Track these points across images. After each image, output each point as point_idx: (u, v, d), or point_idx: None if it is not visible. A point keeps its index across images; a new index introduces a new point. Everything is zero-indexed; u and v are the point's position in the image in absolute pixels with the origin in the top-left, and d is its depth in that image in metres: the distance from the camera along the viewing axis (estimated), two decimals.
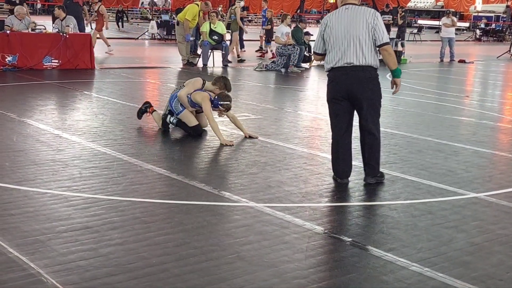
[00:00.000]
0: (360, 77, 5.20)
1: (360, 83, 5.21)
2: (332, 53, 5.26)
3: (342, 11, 5.27)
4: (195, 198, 4.95)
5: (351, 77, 5.20)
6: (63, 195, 4.86)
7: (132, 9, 44.44)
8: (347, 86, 5.22)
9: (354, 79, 5.20)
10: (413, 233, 4.39)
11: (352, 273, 3.67)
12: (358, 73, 5.19)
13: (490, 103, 11.52)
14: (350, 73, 5.19)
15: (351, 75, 5.19)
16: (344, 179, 5.52)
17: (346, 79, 5.21)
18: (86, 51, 13.56)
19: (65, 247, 3.84)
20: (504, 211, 4.99)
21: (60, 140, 6.72)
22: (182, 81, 12.93)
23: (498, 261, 3.95)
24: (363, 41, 5.16)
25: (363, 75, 5.21)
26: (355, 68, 5.17)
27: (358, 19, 5.18)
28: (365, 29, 5.16)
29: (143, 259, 3.73)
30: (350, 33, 5.17)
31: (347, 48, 5.17)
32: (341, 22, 5.21)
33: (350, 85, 5.21)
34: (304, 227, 4.39)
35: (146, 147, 6.63)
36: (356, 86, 5.21)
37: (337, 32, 5.21)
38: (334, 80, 5.30)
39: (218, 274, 3.56)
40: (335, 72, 5.27)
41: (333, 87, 5.33)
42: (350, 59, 5.16)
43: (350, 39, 5.16)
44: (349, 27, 5.18)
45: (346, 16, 5.22)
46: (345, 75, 5.22)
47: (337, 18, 5.25)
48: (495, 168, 6.46)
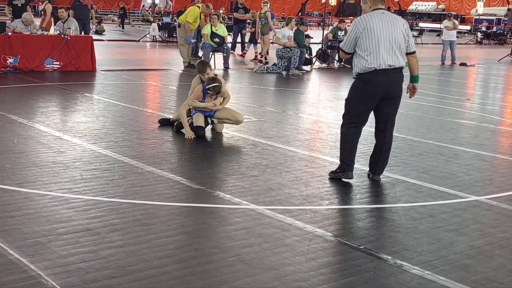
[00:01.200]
0: (399, 78, 5.55)
1: (398, 83, 5.57)
2: (374, 55, 5.40)
3: (380, 15, 5.45)
4: (196, 201, 4.95)
5: (393, 78, 5.49)
6: (63, 197, 4.86)
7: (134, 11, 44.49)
8: (388, 87, 5.50)
9: (395, 80, 5.52)
10: (414, 236, 4.38)
11: (353, 276, 3.67)
12: (397, 75, 5.52)
13: (491, 106, 11.51)
14: (392, 75, 5.47)
15: (393, 77, 5.49)
16: (351, 174, 5.67)
17: (388, 80, 5.48)
18: (88, 53, 13.57)
19: (65, 249, 3.84)
20: (505, 214, 4.98)
21: (61, 142, 6.72)
22: (182, 83, 12.98)
23: (499, 264, 3.95)
24: (401, 45, 5.48)
25: (400, 76, 5.56)
26: (396, 70, 5.48)
27: (397, 24, 5.47)
28: (403, 34, 5.49)
29: (143, 261, 3.72)
30: (393, 36, 5.42)
31: (391, 50, 5.42)
32: (383, 25, 5.40)
33: (390, 85, 5.50)
34: (305, 229, 4.39)
35: (147, 149, 6.63)
36: (395, 87, 5.55)
37: (380, 35, 5.38)
38: (374, 82, 5.46)
39: (218, 277, 3.56)
40: (377, 74, 5.42)
41: (371, 88, 5.49)
42: (393, 62, 5.43)
43: (393, 42, 5.42)
44: (391, 31, 5.42)
45: (386, 20, 5.44)
46: (387, 77, 5.46)
47: (377, 21, 5.41)
48: (496, 171, 6.45)
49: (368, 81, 5.49)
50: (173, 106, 10.08)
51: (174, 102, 10.57)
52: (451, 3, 54.34)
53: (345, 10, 52.64)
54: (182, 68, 15.19)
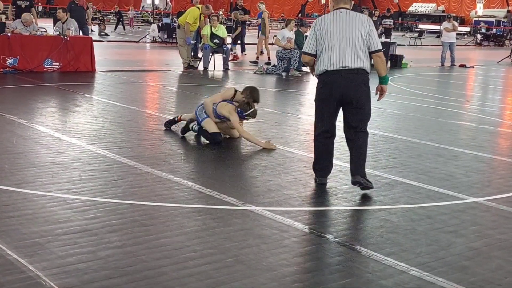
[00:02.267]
0: (355, 80, 5.24)
1: (355, 86, 5.24)
2: (327, 56, 5.24)
3: (337, 15, 5.28)
4: (195, 202, 4.95)
5: (346, 80, 5.21)
6: (62, 198, 4.86)
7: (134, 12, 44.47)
8: (342, 89, 5.23)
9: (349, 82, 5.22)
10: (412, 237, 4.38)
11: (351, 277, 3.67)
12: (353, 76, 5.22)
13: (490, 108, 11.52)
14: (345, 76, 5.21)
15: (346, 78, 5.21)
16: (324, 178, 5.58)
17: (341, 82, 5.22)
18: (87, 53, 13.59)
19: (64, 249, 3.84)
20: (503, 216, 4.99)
21: (60, 143, 6.72)
22: (182, 84, 12.99)
23: (497, 266, 3.95)
24: (358, 45, 5.20)
25: (357, 78, 5.24)
26: (350, 71, 5.21)
27: (354, 23, 5.23)
28: (361, 33, 5.21)
29: (142, 262, 3.72)
30: (346, 36, 5.19)
31: (344, 51, 5.19)
32: (337, 25, 5.22)
33: (345, 87, 5.23)
34: (304, 231, 4.39)
35: (146, 150, 6.63)
36: (351, 89, 5.24)
37: (332, 35, 5.21)
38: (327, 83, 5.29)
39: (217, 278, 3.56)
40: (329, 75, 5.25)
41: (326, 90, 5.31)
42: (346, 63, 5.19)
43: (347, 42, 5.19)
44: (346, 31, 5.20)
45: (341, 19, 5.24)
46: (340, 78, 5.22)
47: (332, 21, 5.25)
48: (495, 173, 6.45)
49: (323, 83, 5.34)
50: (172, 107, 10.09)
51: (174, 103, 10.58)
52: (451, 4, 54.41)
53: None
54: (181, 69, 15.19)
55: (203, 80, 13.84)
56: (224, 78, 14.33)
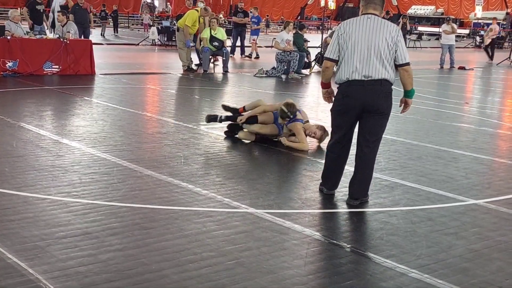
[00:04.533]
0: (379, 91, 4.93)
1: (378, 98, 4.93)
2: (349, 63, 4.92)
3: (364, 20, 4.93)
4: (195, 204, 4.95)
5: (369, 91, 4.91)
6: (62, 201, 4.86)
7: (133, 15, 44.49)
8: (364, 100, 4.93)
9: (372, 93, 4.91)
10: (412, 239, 4.39)
11: (351, 279, 3.67)
12: (376, 87, 4.92)
13: (490, 110, 11.53)
14: (368, 87, 4.90)
15: (369, 89, 4.91)
16: (332, 190, 5.37)
17: (364, 93, 4.91)
18: (87, 57, 13.59)
19: (64, 253, 3.84)
20: (504, 217, 4.99)
21: (60, 146, 6.73)
22: (182, 87, 13.00)
23: (497, 267, 3.95)
24: (383, 54, 4.86)
25: (381, 89, 4.93)
26: (374, 82, 4.90)
27: (381, 31, 4.88)
28: (387, 43, 4.87)
29: (142, 265, 3.73)
30: (371, 44, 4.86)
31: (367, 60, 4.87)
32: (362, 31, 4.89)
33: (367, 99, 4.92)
34: (304, 233, 4.39)
35: (146, 153, 6.63)
36: (373, 101, 4.93)
37: (356, 41, 4.89)
38: (349, 94, 4.97)
39: (217, 281, 3.56)
40: (351, 85, 4.94)
41: (347, 101, 5.00)
42: (370, 72, 4.88)
43: (371, 51, 4.86)
44: (371, 38, 4.87)
45: (368, 25, 4.89)
46: (362, 89, 4.91)
47: (357, 26, 4.91)
48: (495, 175, 6.46)
49: (343, 94, 5.02)
50: (172, 110, 10.09)
51: (173, 106, 10.59)
52: (450, 7, 54.47)
53: (344, 14, 52.64)
54: (181, 72, 15.20)
55: (203, 83, 13.85)
56: (223, 80, 14.34)
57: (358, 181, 5.11)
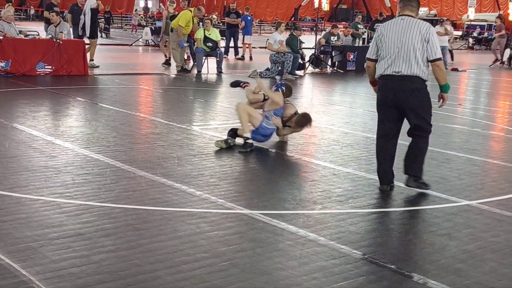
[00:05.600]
0: (407, 87, 5.24)
1: (406, 93, 5.24)
2: (383, 61, 5.34)
3: (398, 21, 5.34)
4: (189, 205, 4.94)
5: (398, 86, 5.25)
6: (55, 202, 4.84)
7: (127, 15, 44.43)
8: (394, 95, 5.29)
9: (401, 88, 5.24)
10: (405, 240, 4.39)
11: (345, 280, 3.67)
12: (405, 83, 5.23)
13: (483, 111, 11.57)
14: (397, 82, 5.24)
15: (398, 84, 5.24)
16: (384, 185, 5.58)
17: (394, 88, 5.28)
18: (80, 57, 13.56)
19: (57, 254, 3.82)
20: (496, 218, 5.00)
21: (53, 147, 6.70)
22: (175, 88, 12.98)
23: (490, 268, 3.96)
24: (413, 52, 5.18)
25: (410, 85, 5.23)
26: (402, 77, 5.22)
27: (412, 30, 5.23)
28: (418, 40, 5.20)
29: (135, 266, 3.71)
30: (402, 42, 5.22)
31: (397, 57, 5.23)
32: (395, 31, 5.28)
33: (396, 93, 5.27)
34: (298, 234, 4.39)
35: (139, 154, 6.61)
36: (402, 95, 5.26)
37: (389, 40, 5.28)
38: (382, 87, 5.40)
39: (211, 282, 3.55)
40: (384, 79, 5.35)
41: (382, 94, 5.42)
42: (399, 68, 5.21)
43: (402, 48, 5.22)
44: (402, 37, 5.23)
45: (401, 26, 5.29)
46: (392, 83, 5.28)
47: (392, 27, 5.33)
48: (487, 176, 6.48)
49: (380, 87, 5.47)
50: (165, 110, 10.07)
51: (167, 107, 10.57)
52: (443, 8, 54.64)
53: (338, 15, 52.79)
54: (175, 73, 15.18)
55: (197, 84, 13.84)
56: (217, 81, 14.33)
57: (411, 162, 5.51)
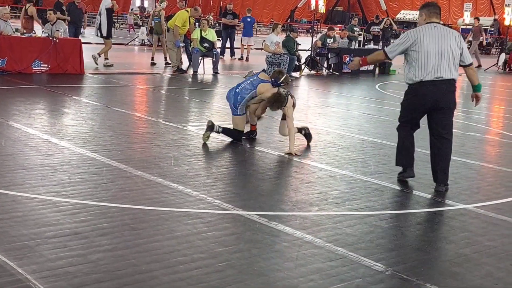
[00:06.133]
0: (448, 89, 5.70)
1: (447, 94, 5.70)
2: (424, 67, 5.63)
3: (432, 29, 5.67)
4: (185, 206, 4.94)
5: (440, 90, 5.65)
6: (52, 200, 4.83)
7: (122, 15, 44.34)
8: (435, 98, 5.66)
9: (443, 91, 5.66)
10: (401, 243, 4.40)
11: (342, 282, 3.67)
12: (446, 86, 5.67)
13: (477, 115, 11.60)
14: (440, 86, 5.63)
15: (441, 88, 5.64)
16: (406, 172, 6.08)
17: (436, 92, 5.64)
18: (76, 56, 13.52)
19: (53, 252, 3.81)
20: (492, 222, 5.02)
21: (49, 145, 6.68)
22: (171, 87, 12.97)
23: (486, 272, 3.97)
24: (452, 58, 5.66)
25: (450, 88, 5.71)
26: (444, 81, 5.64)
27: (449, 38, 5.67)
28: (455, 47, 5.68)
29: (132, 266, 3.71)
30: (442, 49, 5.62)
31: (439, 63, 5.62)
32: (433, 39, 5.63)
33: (438, 96, 5.66)
34: (295, 235, 4.40)
35: (135, 153, 6.60)
36: (443, 97, 5.68)
37: (429, 47, 5.61)
38: (421, 93, 5.68)
39: (207, 282, 3.55)
40: (424, 84, 5.64)
41: (419, 99, 5.74)
42: (441, 74, 5.62)
43: (443, 55, 5.61)
44: (442, 45, 5.62)
45: (437, 33, 5.65)
46: (435, 88, 5.63)
47: (428, 34, 5.64)
48: (483, 180, 6.50)
49: (416, 92, 5.73)
50: (162, 110, 10.07)
51: (163, 106, 10.56)
52: None
53: (334, 17, 52.83)
54: (171, 72, 15.17)
55: (193, 84, 13.83)
56: (213, 82, 14.32)
57: (440, 171, 5.80)
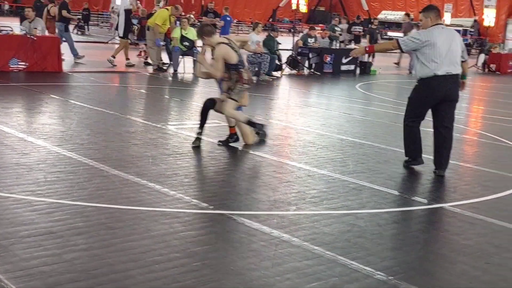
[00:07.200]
0: (455, 83, 6.49)
1: (455, 87, 6.50)
2: (433, 63, 6.33)
3: (440, 30, 6.45)
4: (162, 205, 4.91)
5: (451, 83, 6.41)
6: (27, 200, 4.77)
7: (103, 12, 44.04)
8: (446, 91, 6.39)
9: (452, 84, 6.44)
10: (378, 242, 4.42)
11: (318, 281, 3.68)
12: (454, 80, 6.46)
13: (457, 115, 11.66)
14: (450, 80, 6.38)
15: (451, 82, 6.40)
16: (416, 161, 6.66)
17: (447, 85, 6.38)
18: (54, 54, 13.39)
19: (27, 252, 3.77)
20: (468, 221, 5.06)
21: (25, 144, 6.61)
22: (151, 87, 12.90)
23: (462, 271, 4.00)
24: (458, 55, 6.49)
25: (456, 81, 6.51)
26: (453, 76, 6.41)
27: (454, 38, 6.54)
28: (459, 46, 6.55)
29: (107, 265, 3.67)
30: (451, 48, 6.40)
31: (450, 60, 6.37)
32: (444, 39, 6.39)
33: (449, 89, 6.40)
34: (272, 235, 4.39)
35: (113, 152, 6.55)
36: (453, 90, 6.46)
37: (441, 47, 6.34)
38: (434, 86, 6.39)
39: (183, 282, 3.53)
40: (438, 79, 6.34)
41: (431, 92, 6.42)
42: (451, 69, 6.37)
43: (451, 53, 6.39)
44: (450, 44, 6.41)
45: (446, 34, 6.46)
46: (446, 82, 6.37)
47: (439, 35, 6.38)
48: (461, 179, 6.55)
49: (429, 85, 6.40)
50: (140, 109, 10.01)
51: (142, 105, 10.50)
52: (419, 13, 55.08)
53: (315, 17, 53.00)
54: (151, 71, 15.09)
55: (173, 83, 13.78)
56: (193, 81, 14.27)
57: (445, 158, 6.49)
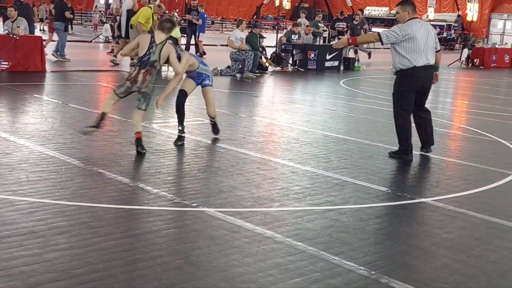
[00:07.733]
0: (431, 73, 7.07)
1: (430, 77, 7.07)
2: (416, 55, 6.83)
3: (418, 24, 6.94)
4: (145, 203, 4.90)
5: (428, 73, 6.99)
6: (8, 199, 4.74)
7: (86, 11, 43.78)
8: (425, 80, 6.97)
9: (429, 74, 7.02)
10: (361, 237, 4.44)
11: (300, 276, 3.69)
12: (430, 70, 7.03)
13: (441, 110, 11.77)
14: (428, 70, 6.97)
15: (428, 71, 6.98)
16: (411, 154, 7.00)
17: (426, 75, 6.95)
18: (37, 53, 13.30)
19: (8, 252, 3.74)
20: (450, 215, 5.10)
21: (7, 143, 6.56)
22: None
23: (443, 264, 4.03)
24: (433, 47, 7.00)
25: (431, 72, 7.08)
26: (430, 66, 6.98)
27: (430, 30, 7.04)
28: (434, 38, 7.03)
29: (89, 264, 3.66)
30: (428, 40, 6.92)
31: (427, 51, 6.89)
32: (423, 32, 6.88)
33: (426, 78, 6.97)
34: (255, 231, 4.40)
35: (96, 151, 6.52)
36: (429, 79, 7.06)
37: (420, 40, 6.84)
38: (415, 76, 6.88)
39: (166, 279, 3.53)
40: (418, 69, 6.86)
41: (414, 81, 6.91)
42: (428, 60, 6.91)
43: (428, 45, 6.91)
44: (427, 36, 6.92)
45: (422, 27, 6.94)
46: (424, 72, 6.91)
47: (418, 29, 6.87)
48: (443, 174, 6.60)
49: (411, 76, 6.88)
50: (123, 107, 9.96)
51: (125, 104, 10.44)
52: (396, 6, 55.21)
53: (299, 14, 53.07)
54: None
55: (156, 81, 13.70)
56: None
57: (429, 135, 7.23)
